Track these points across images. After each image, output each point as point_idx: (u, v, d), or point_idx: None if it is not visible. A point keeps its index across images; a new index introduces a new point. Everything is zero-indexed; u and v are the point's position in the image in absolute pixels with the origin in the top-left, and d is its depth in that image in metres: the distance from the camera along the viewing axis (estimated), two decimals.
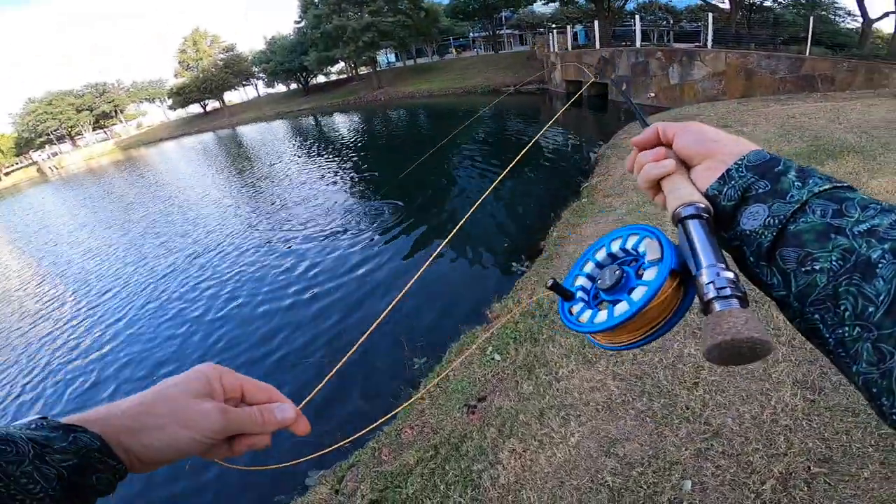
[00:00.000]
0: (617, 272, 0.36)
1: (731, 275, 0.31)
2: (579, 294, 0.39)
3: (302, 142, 18.78)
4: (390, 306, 1.16)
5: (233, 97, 51.08)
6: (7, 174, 49.01)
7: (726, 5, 17.50)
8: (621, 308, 0.33)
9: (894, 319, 0.25)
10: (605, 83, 13.73)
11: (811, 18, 9.94)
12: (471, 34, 35.57)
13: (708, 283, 0.31)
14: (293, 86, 43.20)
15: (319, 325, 4.63)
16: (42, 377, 5.07)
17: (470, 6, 28.42)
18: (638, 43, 13.47)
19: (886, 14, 11.71)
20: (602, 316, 0.35)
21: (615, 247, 0.39)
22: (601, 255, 0.40)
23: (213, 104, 48.94)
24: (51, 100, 47.56)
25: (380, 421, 0.94)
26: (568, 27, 18.01)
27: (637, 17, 14.43)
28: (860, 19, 13.37)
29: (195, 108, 49.39)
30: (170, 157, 27.17)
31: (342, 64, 38.13)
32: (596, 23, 15.53)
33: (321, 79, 43.79)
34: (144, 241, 9.17)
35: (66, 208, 17.98)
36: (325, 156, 13.85)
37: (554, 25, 22.05)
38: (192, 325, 5.19)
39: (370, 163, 12.08)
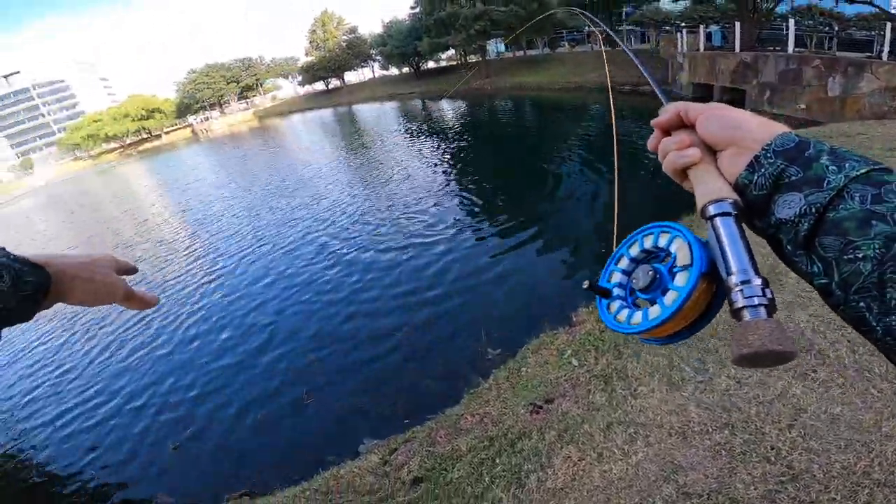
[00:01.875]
0: (650, 272, 0.37)
1: (759, 281, 0.31)
2: (616, 291, 0.40)
3: (411, 125, 19.58)
4: None
5: (351, 77, 54.97)
6: (167, 133, 58.73)
7: None
8: (655, 312, 0.35)
9: None
10: (742, 89, 12.24)
11: None
12: (586, 28, 33.69)
13: (736, 291, 0.31)
14: (405, 69, 44.99)
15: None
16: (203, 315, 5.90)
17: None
18: (790, 48, 11.79)
19: None
20: (637, 317, 0.36)
21: (647, 243, 0.39)
22: (634, 250, 0.40)
23: (334, 83, 53.12)
24: (208, 71, 55.57)
25: None
26: (700, 27, 16.29)
27: (791, 20, 12.56)
28: None
29: (319, 86, 54.06)
30: (297, 129, 30.21)
31: (452, 51, 38.71)
32: (737, 24, 13.84)
33: (431, 64, 45.00)
34: (279, 205, 10.23)
35: (215, 168, 20.90)
36: (432, 141, 14.30)
37: (683, 24, 20.02)
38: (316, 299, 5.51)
39: (470, 151, 12.22)
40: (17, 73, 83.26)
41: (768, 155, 0.35)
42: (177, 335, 5.37)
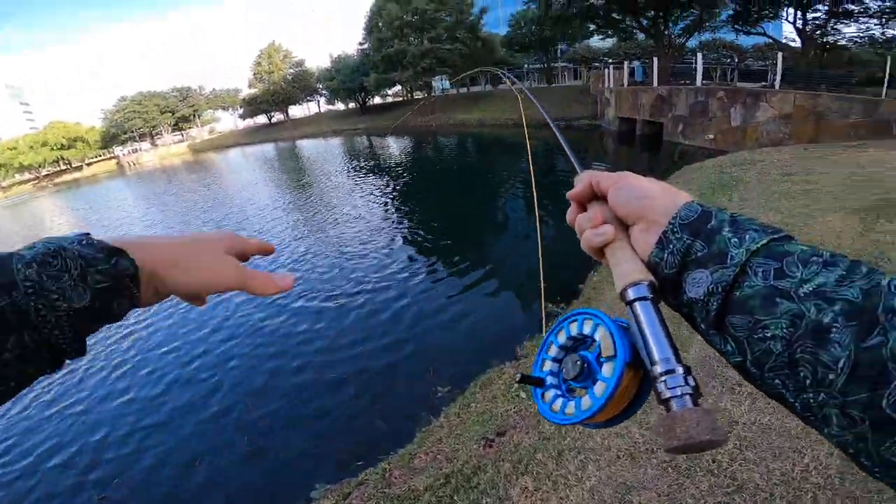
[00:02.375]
0: (578, 362, 0.37)
1: (681, 370, 0.31)
2: (549, 379, 0.40)
3: (357, 162, 19.53)
4: None
5: (296, 111, 54.35)
6: (89, 164, 54.30)
7: (797, 43, 16.81)
8: (587, 403, 0.35)
9: (858, 385, 0.25)
10: (660, 122, 13.38)
11: (888, 58, 9.32)
12: (525, 65, 36.12)
13: (660, 382, 0.31)
14: (351, 105, 45.34)
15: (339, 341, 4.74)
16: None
17: (526, 38, 29.05)
18: (698, 81, 13.08)
19: None
20: (571, 408, 0.36)
21: (573, 330, 0.40)
22: (562, 337, 0.40)
23: (278, 116, 52.24)
24: (140, 100, 52.19)
25: None
26: (625, 63, 17.89)
27: (699, 54, 14.09)
28: None
29: (261, 119, 52.88)
30: (236, 165, 28.99)
31: (399, 87, 39.71)
32: (655, 59, 15.29)
33: (377, 100, 45.73)
34: None
35: (143, 205, 19.42)
36: (378, 179, 14.27)
37: (610, 60, 21.98)
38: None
39: (415, 189, 12.38)
40: None
41: (675, 229, 0.35)
42: (106, 385, 4.85)
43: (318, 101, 53.35)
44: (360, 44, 36.70)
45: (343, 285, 6.19)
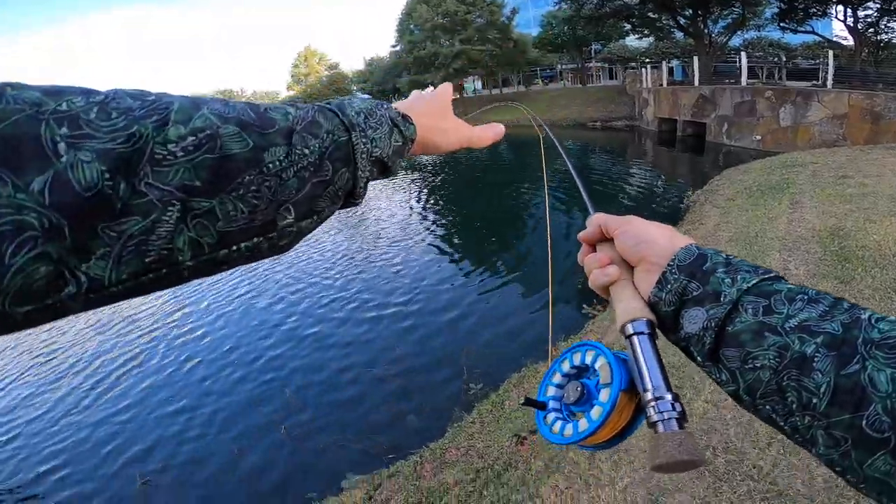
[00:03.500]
0: (578, 388, 0.40)
1: (670, 396, 0.34)
2: (551, 404, 0.42)
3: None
4: None
5: None
6: None
7: (849, 41, 15.88)
8: (583, 425, 0.37)
9: (840, 407, 0.27)
10: (703, 122, 12.86)
11: None
12: (559, 66, 35.60)
13: (650, 406, 0.34)
14: None
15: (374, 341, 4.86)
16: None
17: (559, 38, 28.60)
18: (744, 81, 12.53)
19: None
20: (569, 430, 0.38)
21: (576, 360, 0.42)
22: (566, 366, 0.43)
23: None
24: None
25: None
26: (663, 62, 17.37)
27: (743, 53, 13.52)
28: None
29: None
30: None
31: (431, 88, 39.97)
32: (695, 58, 14.84)
33: None
34: None
35: None
36: (409, 184, 14.39)
37: (648, 60, 21.35)
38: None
39: (449, 192, 12.40)
40: None
41: (673, 271, 0.38)
42: (158, 375, 5.06)
43: None
44: (393, 46, 37.23)
45: (380, 286, 6.31)
